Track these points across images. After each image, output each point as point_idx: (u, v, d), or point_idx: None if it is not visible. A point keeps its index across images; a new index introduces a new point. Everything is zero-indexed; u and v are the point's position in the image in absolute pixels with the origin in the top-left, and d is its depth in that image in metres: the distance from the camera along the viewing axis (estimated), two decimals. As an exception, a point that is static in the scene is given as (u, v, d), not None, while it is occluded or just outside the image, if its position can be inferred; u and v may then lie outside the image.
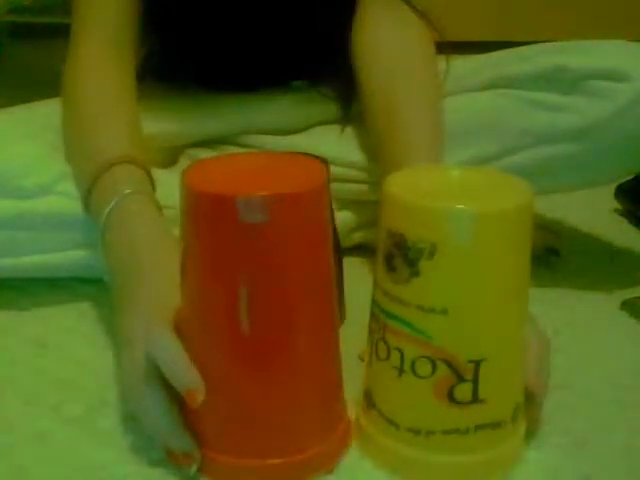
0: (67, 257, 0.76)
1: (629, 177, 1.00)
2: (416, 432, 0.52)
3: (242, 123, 0.90)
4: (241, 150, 0.89)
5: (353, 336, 0.72)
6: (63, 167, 0.75)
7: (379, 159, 0.77)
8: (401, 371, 0.52)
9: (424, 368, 0.51)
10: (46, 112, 0.82)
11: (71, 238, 0.76)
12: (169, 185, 0.81)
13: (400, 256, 0.50)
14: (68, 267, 0.77)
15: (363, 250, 0.90)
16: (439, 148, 0.73)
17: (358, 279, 0.83)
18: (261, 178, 0.51)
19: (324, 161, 0.73)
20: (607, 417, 0.61)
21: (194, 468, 0.52)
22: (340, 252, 0.76)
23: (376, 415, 0.55)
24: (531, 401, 0.56)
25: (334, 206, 0.75)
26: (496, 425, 0.52)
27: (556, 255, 0.89)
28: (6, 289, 0.81)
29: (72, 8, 0.79)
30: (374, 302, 0.54)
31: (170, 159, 0.90)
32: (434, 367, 0.50)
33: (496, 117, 0.80)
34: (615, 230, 1.00)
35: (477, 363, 0.50)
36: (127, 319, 0.57)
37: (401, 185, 0.52)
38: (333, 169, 0.75)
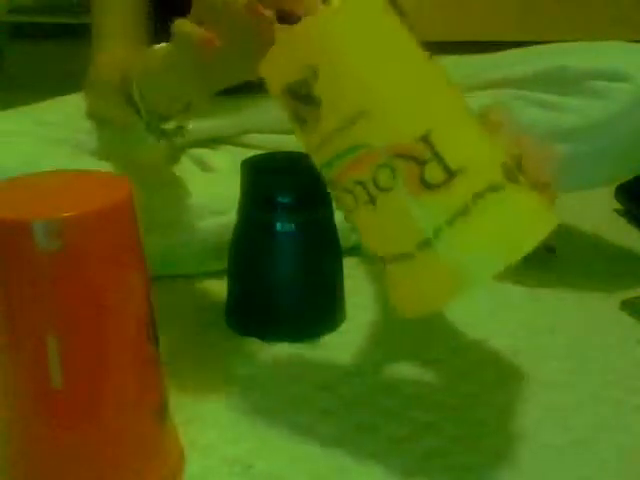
0: None
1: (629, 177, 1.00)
2: (426, 243, 0.47)
3: (243, 123, 0.90)
4: (241, 150, 0.89)
5: (353, 335, 0.72)
6: (56, 163, 0.75)
7: None
8: (373, 199, 0.48)
9: (386, 178, 0.47)
10: (43, 111, 0.82)
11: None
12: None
13: (299, 102, 0.49)
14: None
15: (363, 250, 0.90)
16: None
17: (358, 279, 0.84)
18: (54, 200, 0.46)
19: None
20: (607, 417, 0.61)
21: None
22: (340, 252, 0.76)
23: (391, 265, 0.49)
24: (527, 161, 0.51)
25: (334, 206, 0.75)
26: (492, 188, 0.47)
27: (553, 252, 0.88)
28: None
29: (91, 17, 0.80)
30: (323, 175, 0.51)
31: (171, 159, 0.90)
32: (392, 170, 0.47)
33: (496, 117, 0.80)
34: (615, 230, 1.00)
35: (425, 138, 0.47)
36: None
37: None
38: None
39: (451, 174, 0.47)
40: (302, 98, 0.49)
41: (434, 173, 0.47)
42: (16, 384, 0.47)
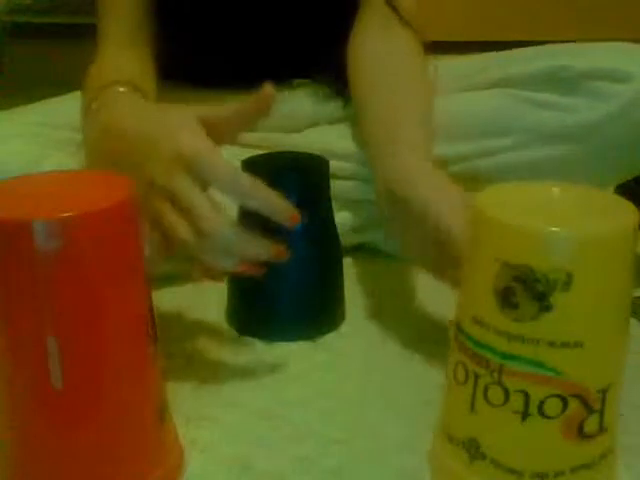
0: None
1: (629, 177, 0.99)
2: (543, 476, 0.48)
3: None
4: (242, 150, 0.89)
5: (353, 336, 0.72)
6: (57, 164, 0.75)
7: (372, 163, 0.76)
8: (525, 415, 0.47)
9: (554, 407, 0.47)
10: (43, 111, 0.82)
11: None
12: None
13: (525, 290, 0.45)
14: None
15: (363, 250, 0.90)
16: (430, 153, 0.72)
17: (358, 279, 0.84)
18: (54, 200, 0.46)
19: (324, 160, 0.73)
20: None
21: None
22: (340, 252, 0.76)
23: (488, 466, 0.49)
24: None
25: (334, 206, 0.75)
26: (612, 449, 0.51)
27: None
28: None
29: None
30: (476, 343, 0.49)
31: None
32: (565, 404, 0.47)
33: (498, 116, 0.80)
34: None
35: (604, 392, 0.48)
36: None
37: (502, 209, 0.47)
38: (335, 164, 0.74)
39: (601, 431, 0.49)
40: (533, 291, 0.45)
41: (591, 426, 0.48)
42: (16, 384, 0.46)
